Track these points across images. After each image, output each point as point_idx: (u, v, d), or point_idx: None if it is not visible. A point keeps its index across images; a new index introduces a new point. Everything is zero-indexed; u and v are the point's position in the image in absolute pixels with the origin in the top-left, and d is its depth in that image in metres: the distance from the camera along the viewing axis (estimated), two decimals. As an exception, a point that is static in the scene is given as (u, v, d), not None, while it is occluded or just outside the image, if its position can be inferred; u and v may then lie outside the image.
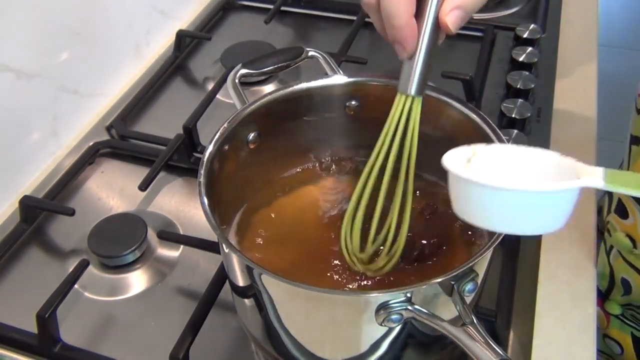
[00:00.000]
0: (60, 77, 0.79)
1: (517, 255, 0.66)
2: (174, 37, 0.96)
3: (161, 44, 0.98)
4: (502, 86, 0.85)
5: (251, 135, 0.57)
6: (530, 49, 0.88)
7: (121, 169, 0.80)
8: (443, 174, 0.44)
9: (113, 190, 0.77)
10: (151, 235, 0.69)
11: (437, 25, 0.47)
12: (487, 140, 0.52)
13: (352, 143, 0.63)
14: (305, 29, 1.03)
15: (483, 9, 0.51)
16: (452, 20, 0.46)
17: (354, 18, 0.98)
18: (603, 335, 0.75)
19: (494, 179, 0.40)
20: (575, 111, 0.82)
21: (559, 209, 0.41)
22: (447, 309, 0.44)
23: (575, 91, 0.85)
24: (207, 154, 0.52)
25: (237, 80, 0.61)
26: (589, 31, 0.96)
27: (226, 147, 0.54)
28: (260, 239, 0.57)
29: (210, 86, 0.88)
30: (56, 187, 0.75)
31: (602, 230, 0.75)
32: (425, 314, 0.43)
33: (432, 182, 0.60)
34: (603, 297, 0.74)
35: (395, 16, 0.46)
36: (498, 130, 0.52)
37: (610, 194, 0.75)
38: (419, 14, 0.47)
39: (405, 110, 0.49)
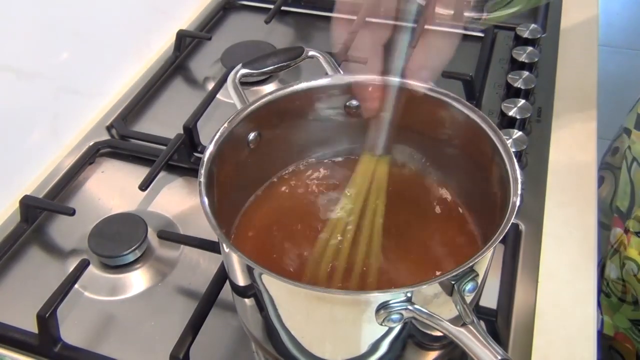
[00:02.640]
0: (60, 77, 0.79)
1: (517, 255, 0.66)
2: (174, 37, 0.96)
3: (161, 43, 0.98)
4: (503, 86, 0.86)
5: (251, 135, 0.57)
6: (530, 48, 0.88)
7: (121, 169, 0.80)
8: (441, 173, 0.45)
9: (113, 190, 0.77)
10: (151, 235, 0.69)
11: (402, 85, 0.48)
12: (487, 140, 0.52)
13: (352, 143, 0.63)
14: (305, 29, 1.03)
15: (484, 9, 0.51)
16: (422, 79, 0.48)
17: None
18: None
19: None
20: (576, 111, 0.82)
21: None
22: (447, 309, 0.44)
23: (575, 91, 0.85)
24: (207, 153, 0.52)
25: (237, 80, 0.61)
26: (589, 31, 0.96)
27: (226, 147, 0.54)
28: (261, 239, 0.57)
29: (210, 86, 0.88)
30: (56, 187, 0.75)
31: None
32: (425, 313, 0.43)
33: (435, 181, 0.60)
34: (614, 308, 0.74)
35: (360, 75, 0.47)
36: (498, 130, 0.52)
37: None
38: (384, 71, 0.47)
39: (372, 169, 0.50)
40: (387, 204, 0.58)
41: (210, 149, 0.52)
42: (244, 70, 0.62)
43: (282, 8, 1.03)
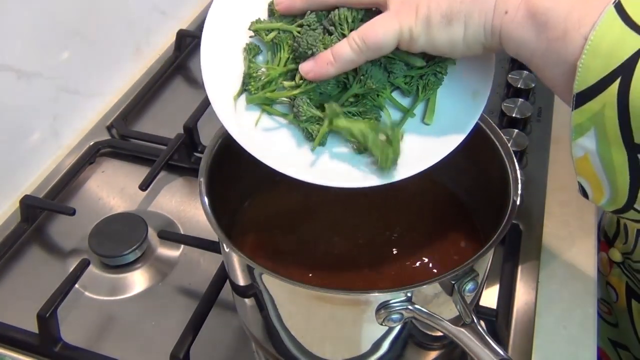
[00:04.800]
0: (60, 76, 0.79)
1: (517, 255, 0.66)
2: (174, 37, 0.96)
3: (161, 43, 0.98)
4: (503, 85, 0.85)
5: (252, 135, 0.57)
6: (530, 48, 0.88)
7: (122, 169, 0.80)
8: (441, 173, 0.45)
9: (113, 189, 0.77)
10: (152, 234, 0.69)
11: None
12: (488, 140, 0.52)
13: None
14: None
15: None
16: None
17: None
18: (605, 283, 0.76)
19: None
20: (576, 111, 0.81)
21: None
22: (448, 309, 0.44)
23: (576, 91, 0.85)
24: (207, 153, 0.52)
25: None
26: (589, 31, 0.95)
27: (227, 147, 0.54)
28: (261, 238, 0.57)
29: (210, 86, 0.87)
30: (57, 186, 0.75)
31: None
32: (425, 313, 0.43)
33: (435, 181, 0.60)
34: (609, 243, 0.75)
35: None
36: (498, 130, 0.52)
37: None
38: None
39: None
40: (387, 203, 0.58)
41: (210, 149, 0.52)
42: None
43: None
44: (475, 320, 0.42)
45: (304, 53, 0.45)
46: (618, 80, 0.34)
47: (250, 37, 0.50)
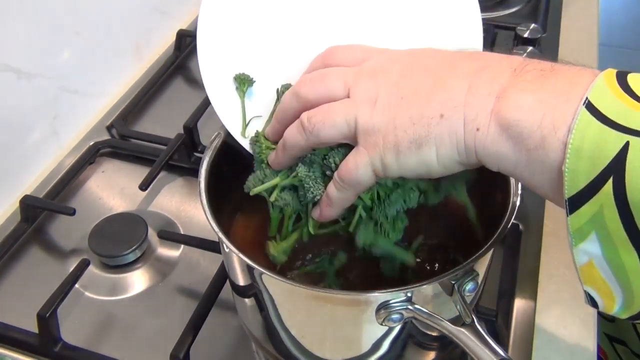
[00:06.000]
0: (60, 76, 0.79)
1: (517, 255, 0.66)
2: (174, 37, 0.96)
3: (162, 43, 0.98)
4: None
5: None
6: (530, 48, 0.88)
7: (122, 169, 0.80)
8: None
9: (113, 189, 0.77)
10: (152, 234, 0.69)
11: None
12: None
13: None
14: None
15: (484, 9, 0.51)
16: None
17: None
18: None
19: None
20: (576, 111, 0.81)
21: None
22: (448, 309, 0.44)
23: (576, 91, 0.85)
24: (207, 153, 0.52)
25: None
26: (589, 31, 0.96)
27: (227, 147, 0.54)
28: (261, 239, 0.57)
29: (210, 86, 0.88)
30: (57, 186, 0.75)
31: None
32: (425, 313, 0.43)
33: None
34: None
35: None
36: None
37: None
38: None
39: None
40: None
41: (210, 149, 0.52)
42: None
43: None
44: (475, 320, 0.42)
45: (311, 202, 0.48)
46: (610, 180, 0.33)
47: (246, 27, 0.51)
